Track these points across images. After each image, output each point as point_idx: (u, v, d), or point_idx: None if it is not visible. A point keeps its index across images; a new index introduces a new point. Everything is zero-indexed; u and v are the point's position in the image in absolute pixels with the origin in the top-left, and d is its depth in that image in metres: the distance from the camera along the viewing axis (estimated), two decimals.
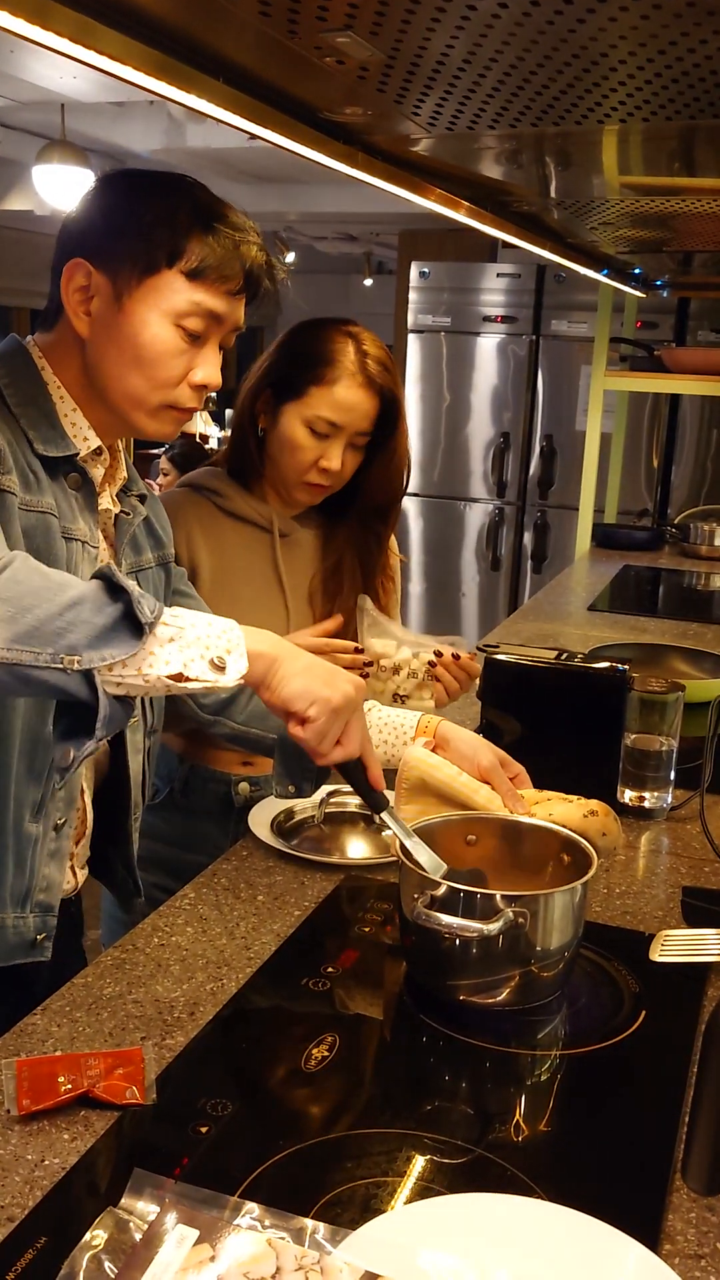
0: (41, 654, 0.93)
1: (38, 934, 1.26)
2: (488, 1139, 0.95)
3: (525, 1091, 1.04)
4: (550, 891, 1.12)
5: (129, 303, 1.19)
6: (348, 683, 1.13)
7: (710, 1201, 0.89)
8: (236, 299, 1.24)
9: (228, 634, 1.06)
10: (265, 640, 1.10)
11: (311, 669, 1.11)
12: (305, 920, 1.29)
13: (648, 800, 1.64)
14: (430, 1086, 1.04)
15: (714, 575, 3.71)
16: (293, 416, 1.68)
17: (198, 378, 1.23)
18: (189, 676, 1.00)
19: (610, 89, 1.14)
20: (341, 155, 1.34)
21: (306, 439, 1.68)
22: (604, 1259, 0.79)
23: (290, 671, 1.10)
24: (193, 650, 1.01)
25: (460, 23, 0.91)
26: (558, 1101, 1.03)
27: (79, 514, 1.22)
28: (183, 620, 1.02)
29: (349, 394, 1.66)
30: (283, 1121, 0.95)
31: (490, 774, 1.38)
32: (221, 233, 1.20)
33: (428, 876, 1.12)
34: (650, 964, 1.21)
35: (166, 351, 1.20)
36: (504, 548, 5.89)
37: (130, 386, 1.22)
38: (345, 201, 7.03)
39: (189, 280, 1.19)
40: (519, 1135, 0.97)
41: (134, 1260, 0.74)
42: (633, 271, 3.46)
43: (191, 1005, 1.12)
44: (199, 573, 1.72)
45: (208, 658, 1.02)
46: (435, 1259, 0.77)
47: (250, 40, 0.99)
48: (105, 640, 0.96)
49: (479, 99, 1.16)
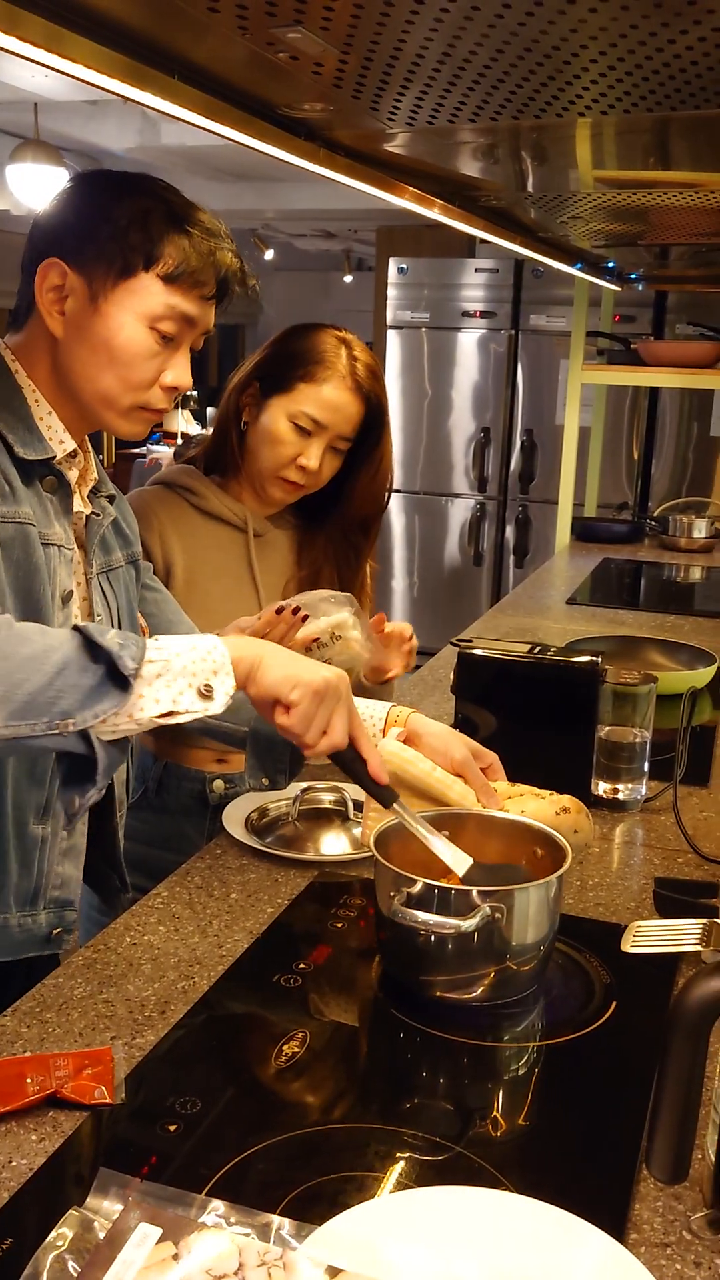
0: (37, 724, 0.97)
1: (53, 929, 1.29)
2: (456, 1132, 0.95)
3: (495, 1084, 1.05)
4: (525, 886, 1.12)
5: (105, 304, 1.19)
6: (330, 672, 1.14)
7: (678, 1190, 0.89)
8: (209, 303, 1.25)
9: (212, 654, 1.07)
10: (249, 645, 1.12)
11: (294, 659, 1.13)
12: (278, 917, 1.29)
13: (622, 792, 1.64)
14: (399, 1081, 1.04)
15: (693, 568, 3.72)
16: (278, 410, 1.70)
17: (169, 379, 1.24)
18: (178, 711, 1.04)
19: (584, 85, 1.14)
20: (304, 152, 1.34)
21: (289, 434, 1.69)
22: (568, 1248, 0.80)
23: (272, 663, 1.12)
24: (180, 683, 1.04)
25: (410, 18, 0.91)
26: (525, 1094, 1.04)
27: (55, 518, 1.22)
28: (167, 651, 1.05)
29: (336, 395, 1.68)
30: (252, 1119, 0.95)
31: (463, 768, 1.38)
32: (197, 237, 1.20)
33: (402, 874, 1.12)
34: (622, 955, 1.21)
35: (140, 353, 1.21)
36: (486, 542, 5.90)
37: (103, 387, 1.22)
38: (322, 198, 7.03)
39: (165, 284, 1.20)
40: (487, 1128, 0.97)
41: (96, 1259, 0.74)
42: (607, 265, 3.46)
43: (163, 1004, 1.12)
44: (172, 570, 1.72)
45: (195, 685, 1.05)
46: (400, 1252, 0.78)
47: (205, 37, 0.99)
48: (95, 699, 0.99)
49: (436, 93, 1.16)
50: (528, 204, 2.09)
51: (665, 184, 1.85)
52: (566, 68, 1.07)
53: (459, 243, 6.16)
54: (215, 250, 1.22)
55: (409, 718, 1.42)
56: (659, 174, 1.76)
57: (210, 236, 1.22)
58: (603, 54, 1.02)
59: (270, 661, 1.12)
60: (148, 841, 1.73)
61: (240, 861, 1.43)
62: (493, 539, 5.90)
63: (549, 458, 5.59)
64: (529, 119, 1.29)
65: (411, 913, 1.08)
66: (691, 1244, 0.84)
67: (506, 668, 1.68)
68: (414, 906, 1.09)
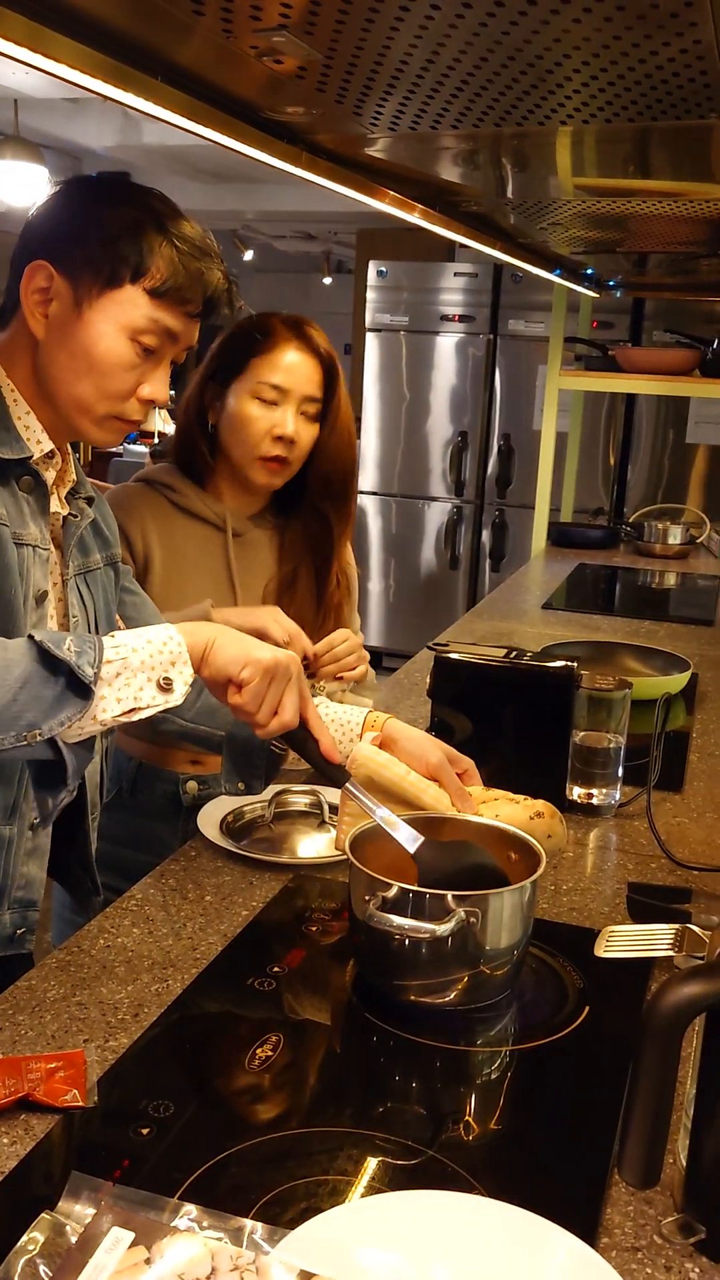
0: (5, 739, 0.99)
1: (16, 929, 1.28)
2: (429, 1137, 0.95)
3: (468, 1089, 1.05)
4: (500, 891, 1.12)
5: (88, 312, 1.19)
6: (282, 653, 1.16)
7: (649, 1195, 0.90)
8: (193, 320, 1.25)
9: (168, 645, 1.09)
10: (201, 629, 1.14)
11: (243, 639, 1.15)
12: (253, 920, 1.29)
13: (596, 797, 1.65)
14: (373, 1085, 1.04)
15: (667, 574, 3.74)
16: (240, 391, 1.72)
17: (146, 392, 1.24)
18: (140, 708, 1.05)
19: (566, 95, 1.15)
20: (286, 155, 1.34)
21: (256, 408, 1.71)
22: (540, 1252, 0.80)
23: (225, 643, 1.14)
24: (139, 678, 1.06)
25: (394, 24, 0.91)
26: (498, 1098, 1.04)
27: (30, 518, 1.22)
28: (124, 649, 1.06)
29: (290, 358, 1.72)
30: (225, 1122, 0.95)
31: (438, 772, 1.38)
32: (187, 254, 1.20)
33: (377, 878, 1.12)
34: (595, 960, 1.22)
35: (119, 364, 1.21)
36: (462, 546, 5.91)
37: (79, 393, 1.22)
38: (303, 200, 7.02)
39: (151, 298, 1.20)
40: (460, 1132, 0.97)
41: (68, 1264, 0.74)
42: (586, 271, 3.48)
43: (136, 1007, 1.11)
44: (151, 565, 1.72)
45: (155, 679, 1.06)
46: (372, 1256, 0.78)
47: (189, 39, 0.99)
48: (58, 708, 1.01)
49: (419, 99, 1.16)
50: (507, 210, 2.10)
51: (645, 192, 1.86)
52: (549, 77, 1.08)
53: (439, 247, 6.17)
54: (205, 270, 1.21)
55: (385, 723, 1.43)
56: (639, 183, 1.77)
57: (201, 255, 1.21)
58: (585, 64, 1.02)
59: (222, 641, 1.14)
60: (121, 841, 1.72)
61: (215, 864, 1.43)
62: (469, 543, 5.91)
63: (526, 462, 5.61)
64: (510, 126, 1.30)
65: (386, 917, 1.08)
66: (662, 1248, 0.85)
67: (482, 672, 1.68)
68: (389, 910, 1.09)
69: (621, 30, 0.92)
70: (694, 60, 1.00)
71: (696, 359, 3.66)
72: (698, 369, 3.67)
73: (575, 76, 1.07)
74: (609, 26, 0.91)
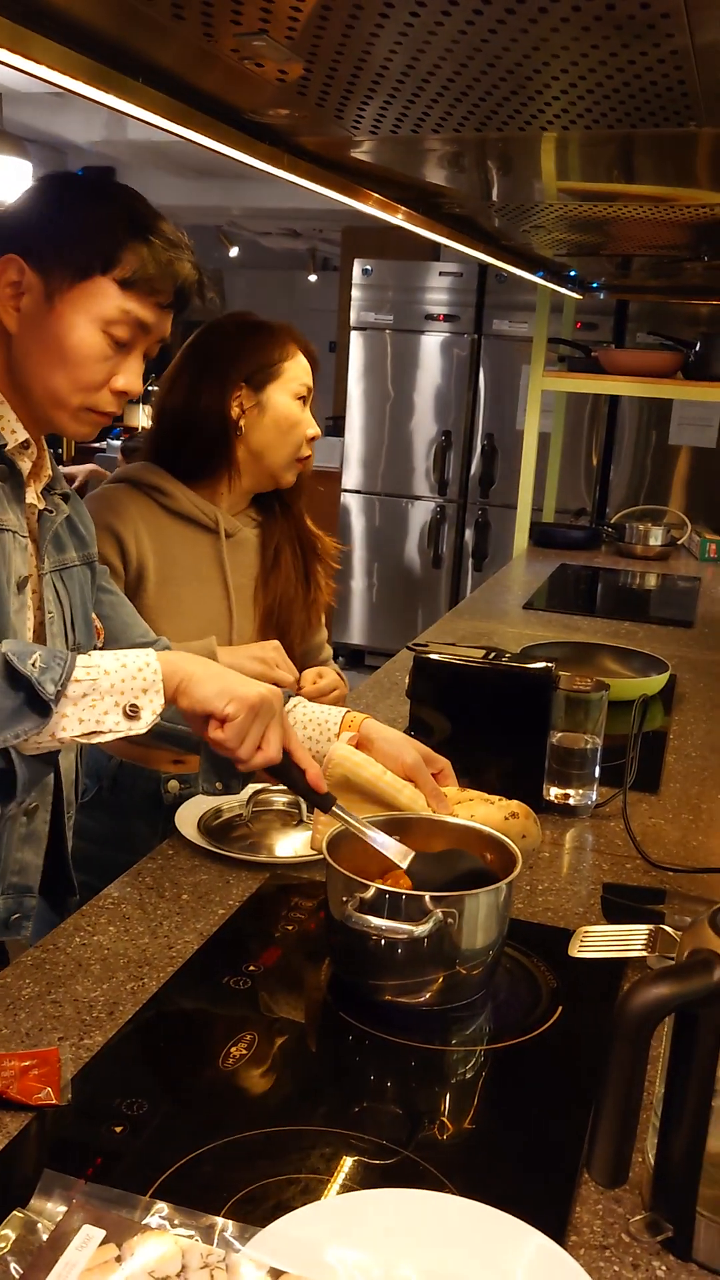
0: None
1: (10, 915, 1.29)
2: (401, 1136, 0.96)
3: (441, 1088, 1.06)
4: (476, 892, 1.13)
5: (59, 304, 1.20)
6: (264, 687, 1.16)
7: (618, 1193, 0.91)
8: (165, 311, 1.26)
9: (144, 671, 1.09)
10: (182, 659, 1.14)
11: (226, 674, 1.15)
12: (229, 919, 1.30)
13: (573, 798, 1.66)
14: (346, 1084, 1.05)
15: (648, 575, 3.76)
16: (280, 394, 1.76)
17: (119, 384, 1.25)
18: (102, 731, 1.06)
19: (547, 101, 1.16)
20: (268, 157, 1.35)
21: (299, 411, 1.78)
22: (509, 1250, 0.81)
23: (205, 675, 1.14)
24: (106, 701, 1.06)
25: (374, 29, 0.91)
26: (470, 1097, 1.05)
27: (7, 504, 1.22)
28: (95, 670, 1.06)
29: (303, 359, 1.80)
30: (199, 1120, 0.96)
31: (414, 772, 1.39)
32: (157, 246, 1.21)
33: (354, 879, 1.12)
34: (569, 960, 1.22)
35: (91, 356, 1.22)
36: (445, 545, 5.92)
37: (53, 386, 1.23)
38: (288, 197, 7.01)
39: (121, 289, 1.21)
40: (433, 1131, 0.98)
41: (39, 1262, 0.74)
42: (569, 274, 3.49)
43: (111, 1005, 1.12)
44: (145, 572, 1.72)
45: (122, 705, 1.07)
46: (341, 1254, 0.78)
47: (169, 42, 0.99)
48: (15, 721, 1.01)
49: (401, 103, 1.17)
50: (491, 213, 2.11)
51: (627, 197, 1.87)
52: (530, 83, 1.08)
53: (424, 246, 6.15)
54: (174, 260, 1.23)
55: (362, 723, 1.43)
56: (621, 187, 1.78)
57: (171, 247, 1.22)
58: (564, 71, 1.03)
59: (203, 675, 1.13)
60: (100, 840, 1.72)
61: (192, 862, 1.44)
62: (452, 542, 5.92)
63: (509, 462, 5.62)
64: (493, 131, 1.31)
65: (364, 918, 1.09)
66: (630, 1246, 0.86)
67: (461, 673, 1.69)
68: (366, 911, 1.10)
69: (600, 39, 0.93)
70: (672, 69, 1.01)
71: (679, 361, 3.68)
72: (680, 371, 3.69)
73: (555, 83, 1.08)
74: (588, 34, 0.92)
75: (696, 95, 1.11)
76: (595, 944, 1.25)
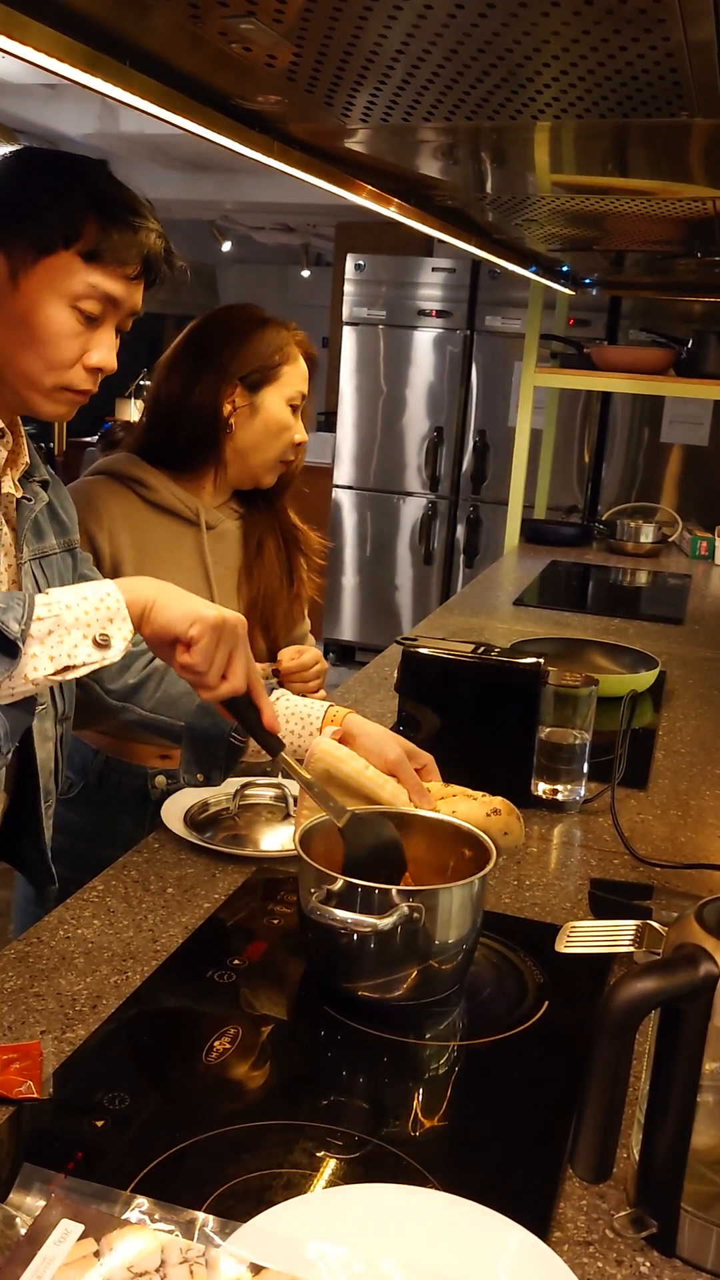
0: None
1: None
2: (384, 1130, 0.95)
3: (423, 1083, 1.05)
4: (447, 886, 1.12)
5: (24, 282, 1.17)
6: (227, 611, 1.14)
7: (602, 1189, 0.90)
8: (135, 283, 1.23)
9: (106, 601, 1.07)
10: (142, 585, 1.12)
11: (188, 597, 1.13)
12: (214, 913, 1.29)
13: (561, 793, 1.66)
14: (329, 1078, 1.04)
15: (639, 572, 3.76)
16: (274, 399, 1.76)
17: (93, 360, 1.22)
18: (75, 665, 1.03)
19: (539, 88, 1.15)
20: (258, 145, 1.34)
21: (289, 416, 1.78)
22: (492, 1246, 0.80)
23: (168, 600, 1.11)
24: (74, 635, 1.03)
25: (363, 13, 0.90)
26: (455, 1092, 1.04)
27: None
28: (56, 605, 1.04)
29: (302, 365, 1.79)
30: (181, 1115, 0.95)
31: (397, 767, 1.38)
32: (120, 217, 1.18)
33: (324, 872, 1.11)
34: (556, 955, 1.22)
35: (61, 333, 1.19)
36: (437, 541, 5.92)
37: (24, 366, 1.20)
38: (282, 192, 7.00)
39: (85, 262, 1.18)
40: (415, 1127, 0.97)
41: (16, 1256, 0.73)
42: (562, 269, 3.48)
43: (95, 999, 1.11)
44: (121, 567, 1.70)
45: (91, 636, 1.04)
46: (323, 1249, 0.77)
47: (157, 25, 0.98)
48: None
49: (391, 90, 1.16)
50: (484, 205, 2.10)
51: (620, 190, 1.87)
52: (521, 70, 1.07)
53: (417, 241, 6.17)
54: (139, 229, 1.20)
55: (345, 717, 1.42)
56: (615, 180, 1.77)
57: (133, 215, 1.19)
58: (556, 58, 1.02)
59: (166, 599, 1.11)
60: (86, 835, 1.71)
61: (178, 856, 1.43)
62: (444, 538, 5.92)
63: (501, 459, 5.62)
64: (485, 120, 1.30)
65: (329, 910, 1.07)
66: (614, 1242, 0.85)
67: (450, 667, 1.68)
68: (335, 905, 1.08)
69: (591, 25, 0.92)
70: (664, 57, 1.00)
71: (671, 358, 3.68)
72: (673, 368, 3.69)
73: (546, 70, 1.07)
74: (578, 20, 0.91)
75: (689, 85, 1.10)
76: (582, 939, 1.24)
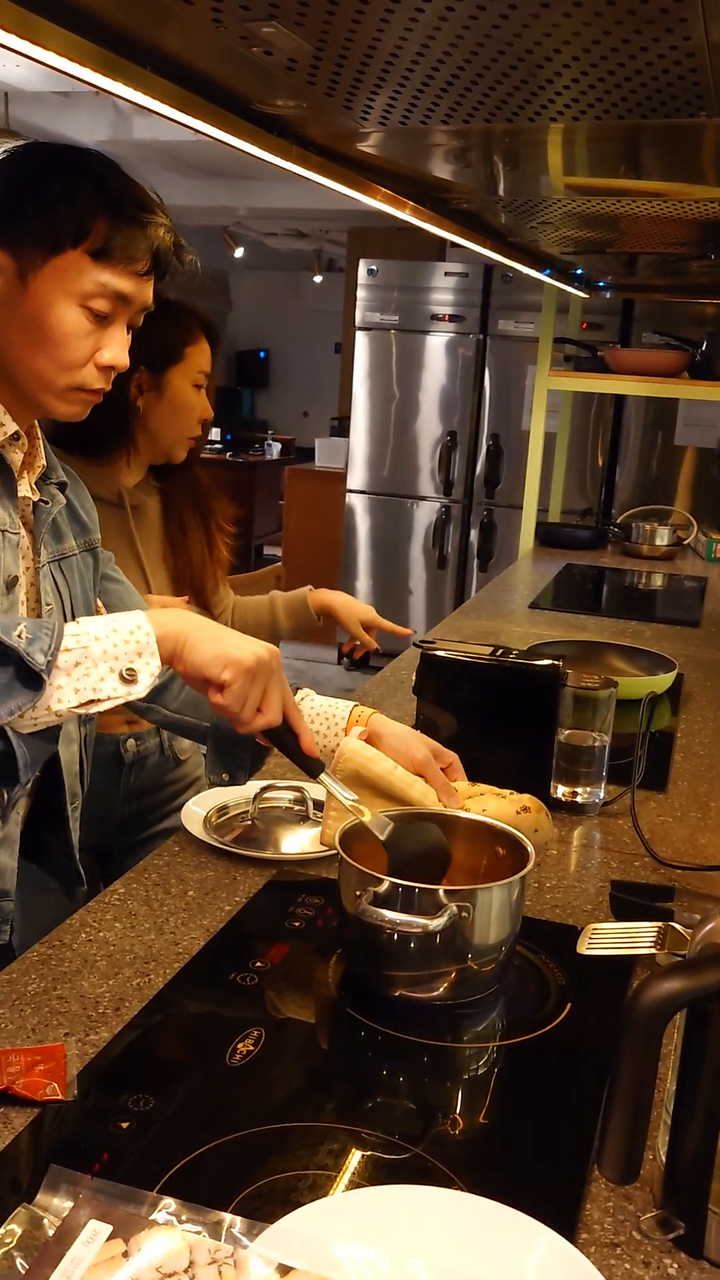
0: None
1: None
2: (409, 1132, 0.95)
3: (451, 1084, 1.05)
4: (490, 886, 1.12)
5: (34, 282, 1.16)
6: (260, 647, 1.13)
7: (628, 1191, 0.90)
8: (144, 279, 1.21)
9: (135, 634, 1.06)
10: (173, 619, 1.11)
11: (221, 637, 1.12)
12: (235, 915, 1.29)
13: (580, 796, 1.65)
14: (353, 1079, 1.04)
15: (654, 575, 3.75)
16: (179, 379, 1.81)
17: (105, 358, 1.21)
18: (99, 699, 1.02)
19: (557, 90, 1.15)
20: (276, 149, 1.34)
21: (195, 395, 1.83)
22: (519, 1247, 0.80)
23: (200, 639, 1.10)
24: (101, 668, 1.03)
25: (385, 16, 0.91)
26: (480, 1094, 1.04)
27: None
28: (85, 637, 1.03)
29: (206, 345, 1.84)
30: (206, 1116, 0.95)
31: (424, 768, 1.38)
32: (127, 213, 1.16)
33: (368, 873, 1.12)
34: (578, 957, 1.22)
35: (72, 333, 1.17)
36: (450, 545, 5.92)
37: (36, 368, 1.19)
38: (294, 197, 7.02)
39: (95, 261, 1.16)
40: (442, 1128, 0.97)
41: (45, 1257, 0.73)
42: (575, 272, 3.48)
43: (117, 1001, 1.11)
44: None
45: (118, 670, 1.04)
46: (350, 1250, 0.77)
47: (178, 29, 0.98)
48: (7, 696, 0.98)
49: (410, 93, 1.16)
50: (498, 208, 2.10)
51: (635, 192, 1.87)
52: (540, 72, 1.07)
53: (429, 246, 6.18)
54: (147, 225, 1.18)
55: (370, 718, 1.42)
56: (629, 182, 1.77)
57: (142, 211, 1.18)
58: (575, 59, 1.02)
59: (197, 638, 1.10)
60: None
61: (199, 859, 1.43)
62: (457, 542, 5.91)
63: (514, 462, 5.61)
64: (501, 122, 1.30)
65: (379, 912, 1.08)
66: (641, 1244, 0.85)
67: (468, 670, 1.68)
68: (379, 905, 1.09)
69: (611, 26, 0.92)
70: (684, 57, 1.00)
71: (685, 361, 3.67)
72: (686, 371, 3.68)
73: (565, 72, 1.07)
74: (599, 21, 0.91)
75: (709, 85, 1.10)
76: (604, 941, 1.24)
